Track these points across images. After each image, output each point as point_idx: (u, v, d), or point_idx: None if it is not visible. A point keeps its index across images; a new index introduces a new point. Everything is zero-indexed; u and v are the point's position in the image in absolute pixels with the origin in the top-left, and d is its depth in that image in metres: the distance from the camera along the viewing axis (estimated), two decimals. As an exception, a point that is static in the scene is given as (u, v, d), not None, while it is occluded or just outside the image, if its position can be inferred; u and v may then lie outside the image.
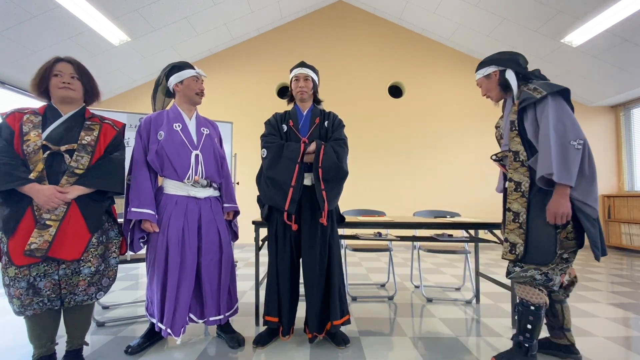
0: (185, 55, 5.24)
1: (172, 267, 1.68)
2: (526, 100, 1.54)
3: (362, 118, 5.48)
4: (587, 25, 4.03)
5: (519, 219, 1.55)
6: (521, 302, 1.58)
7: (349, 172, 1.82)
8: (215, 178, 1.83)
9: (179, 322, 1.68)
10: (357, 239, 2.66)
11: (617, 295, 2.83)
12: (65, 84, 1.49)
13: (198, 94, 1.84)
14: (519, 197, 1.56)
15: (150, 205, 1.67)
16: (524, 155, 1.55)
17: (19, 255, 1.33)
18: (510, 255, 1.56)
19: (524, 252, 1.51)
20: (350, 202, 4.76)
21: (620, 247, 5.25)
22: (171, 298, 1.67)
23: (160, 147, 1.70)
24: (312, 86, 1.93)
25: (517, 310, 1.60)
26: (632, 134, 5.39)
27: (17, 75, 4.16)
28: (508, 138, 1.63)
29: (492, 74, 1.73)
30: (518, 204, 1.56)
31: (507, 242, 1.58)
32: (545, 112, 1.49)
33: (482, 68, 1.76)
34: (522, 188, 1.55)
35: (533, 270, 1.53)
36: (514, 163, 1.59)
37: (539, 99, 1.51)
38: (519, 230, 1.54)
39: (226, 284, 1.81)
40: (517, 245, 1.53)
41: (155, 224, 1.67)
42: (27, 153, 1.40)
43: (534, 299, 1.54)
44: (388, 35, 5.67)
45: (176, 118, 1.81)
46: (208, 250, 1.75)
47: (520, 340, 1.57)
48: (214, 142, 1.88)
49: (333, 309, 1.76)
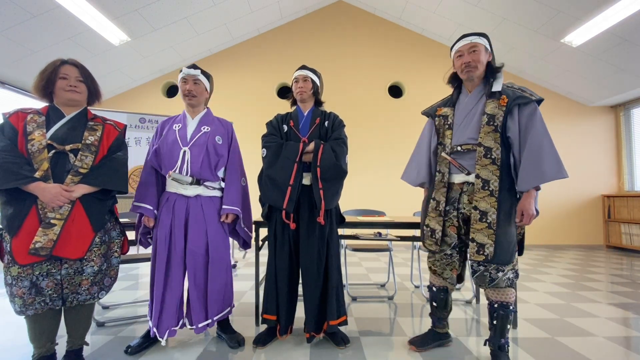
0: (185, 55, 5.24)
1: (158, 265, 1.70)
2: (520, 99, 1.50)
3: (362, 118, 5.48)
4: (587, 25, 4.03)
5: (487, 219, 1.50)
6: (501, 306, 1.54)
7: (347, 172, 1.83)
8: (206, 176, 1.78)
9: (165, 323, 1.69)
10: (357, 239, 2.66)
11: (617, 295, 2.83)
12: (72, 86, 1.52)
13: (186, 96, 1.82)
14: (486, 195, 1.50)
15: (147, 200, 1.75)
16: (497, 154, 1.51)
17: (22, 254, 1.34)
18: (478, 256, 1.50)
19: (494, 253, 1.47)
20: (350, 202, 4.77)
21: (620, 247, 5.25)
22: (157, 297, 1.68)
23: (158, 147, 1.79)
24: (311, 87, 1.93)
25: (496, 314, 1.55)
26: (632, 134, 5.39)
27: (17, 75, 4.16)
28: (477, 132, 1.56)
29: (489, 52, 1.62)
30: (486, 202, 1.50)
31: (474, 242, 1.52)
32: (533, 116, 1.48)
33: (484, 38, 1.60)
34: (491, 187, 1.50)
35: (510, 273, 1.53)
36: (484, 159, 1.52)
37: (532, 101, 1.49)
38: (488, 230, 1.49)
39: (216, 288, 1.75)
40: (486, 246, 1.49)
41: (152, 219, 1.75)
42: (31, 152, 1.41)
43: (511, 298, 1.55)
44: (388, 35, 5.67)
45: (180, 119, 1.88)
46: (192, 253, 1.71)
47: (502, 343, 1.56)
48: (212, 140, 1.80)
49: (330, 309, 1.76)
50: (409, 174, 1.88)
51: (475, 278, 1.58)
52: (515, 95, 1.52)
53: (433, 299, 1.79)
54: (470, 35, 1.60)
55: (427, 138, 1.83)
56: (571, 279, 3.38)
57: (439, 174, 1.69)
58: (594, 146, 5.55)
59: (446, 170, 1.66)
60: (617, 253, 5.07)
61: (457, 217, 1.63)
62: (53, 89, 1.52)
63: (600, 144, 5.55)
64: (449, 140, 1.66)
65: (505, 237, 1.49)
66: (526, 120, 1.49)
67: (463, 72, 1.63)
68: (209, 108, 1.96)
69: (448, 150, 1.65)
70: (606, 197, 5.46)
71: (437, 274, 1.74)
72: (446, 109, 1.72)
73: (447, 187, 1.65)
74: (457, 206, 1.63)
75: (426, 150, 1.81)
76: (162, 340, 1.69)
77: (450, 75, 1.75)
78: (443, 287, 1.76)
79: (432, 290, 1.80)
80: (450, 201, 1.65)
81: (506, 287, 1.53)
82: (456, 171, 1.64)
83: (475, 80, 1.64)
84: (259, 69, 5.57)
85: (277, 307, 1.81)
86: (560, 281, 3.27)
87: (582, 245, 5.49)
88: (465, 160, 1.60)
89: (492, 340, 1.59)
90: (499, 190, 1.49)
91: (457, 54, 1.64)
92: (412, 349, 1.73)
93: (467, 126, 1.61)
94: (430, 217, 1.70)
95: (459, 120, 1.65)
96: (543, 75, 5.30)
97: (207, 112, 1.92)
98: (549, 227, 5.46)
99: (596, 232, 5.52)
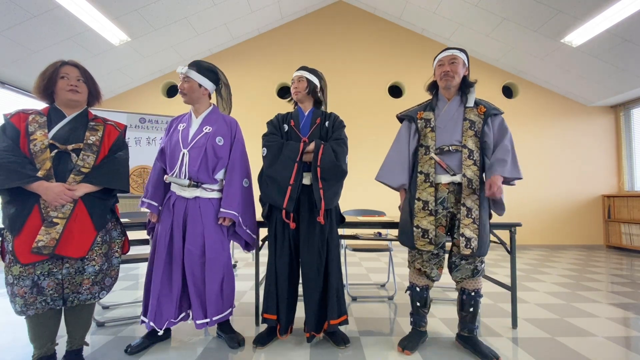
0: (185, 55, 5.24)
1: (157, 261, 1.73)
2: (494, 110, 1.74)
3: (362, 118, 5.48)
4: (587, 25, 4.04)
5: (471, 215, 1.65)
6: (477, 293, 1.73)
7: (347, 172, 1.83)
8: (203, 179, 1.76)
9: (165, 315, 1.72)
10: (357, 239, 2.66)
11: (617, 295, 2.83)
12: (72, 86, 1.53)
13: (179, 94, 1.85)
14: (471, 193, 1.67)
15: (152, 196, 1.79)
16: (477, 156, 1.69)
17: (25, 253, 1.34)
18: (466, 250, 1.62)
19: (478, 246, 1.62)
20: (350, 202, 4.77)
21: (620, 247, 5.26)
22: (155, 290, 1.70)
23: (164, 146, 1.84)
24: (306, 86, 1.92)
25: (473, 302, 1.73)
26: (632, 134, 5.39)
27: (17, 75, 4.16)
28: (461, 135, 1.72)
29: (467, 67, 1.79)
30: (471, 200, 1.66)
31: (463, 237, 1.64)
32: (504, 125, 1.73)
33: (464, 54, 1.78)
34: (473, 185, 1.67)
35: (481, 264, 1.71)
36: (468, 160, 1.68)
37: (501, 113, 1.76)
38: (473, 225, 1.64)
39: (213, 288, 1.75)
40: (472, 240, 1.63)
41: (155, 214, 1.80)
42: (33, 152, 1.42)
43: (482, 285, 1.77)
44: (388, 35, 5.67)
45: (186, 118, 1.89)
46: (189, 253, 1.73)
47: (475, 327, 1.76)
48: (212, 141, 1.76)
49: (330, 309, 1.76)
50: (389, 176, 1.87)
51: (457, 272, 1.72)
52: (490, 106, 1.75)
53: (417, 299, 1.81)
54: (452, 49, 1.78)
55: (405, 140, 1.88)
56: (571, 279, 3.38)
57: (421, 175, 1.76)
58: (594, 146, 5.55)
59: (432, 170, 1.73)
60: (617, 253, 5.07)
61: (446, 217, 1.72)
62: (54, 89, 1.53)
63: (600, 144, 5.55)
64: (433, 141, 1.76)
65: (485, 231, 1.66)
66: (497, 129, 1.73)
67: (442, 80, 1.78)
68: (215, 105, 1.94)
69: (433, 151, 1.74)
70: (606, 197, 5.46)
71: (423, 274, 1.79)
72: (427, 113, 1.83)
73: (434, 188, 1.72)
74: (445, 205, 1.71)
75: (407, 151, 1.86)
76: (160, 331, 1.70)
77: (430, 83, 1.91)
78: (425, 285, 1.81)
79: (415, 291, 1.82)
80: (439, 201, 1.72)
81: (481, 275, 1.74)
82: (442, 172, 1.73)
83: (451, 90, 1.79)
84: (259, 69, 5.57)
85: (277, 306, 1.81)
86: (560, 281, 3.27)
87: (582, 245, 5.49)
88: (451, 160, 1.72)
89: (468, 326, 1.76)
90: (480, 189, 1.68)
91: (438, 62, 1.80)
92: (406, 354, 1.73)
93: (452, 129, 1.74)
94: (420, 218, 1.72)
95: (441, 124, 1.77)
96: (543, 75, 5.30)
97: (212, 110, 1.89)
98: (549, 227, 5.47)
99: (596, 232, 5.52)
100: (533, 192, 5.45)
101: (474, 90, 1.78)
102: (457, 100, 1.78)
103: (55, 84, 1.52)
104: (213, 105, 1.93)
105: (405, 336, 1.84)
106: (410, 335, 1.83)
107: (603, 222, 5.51)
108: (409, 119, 1.89)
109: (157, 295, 1.71)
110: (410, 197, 1.77)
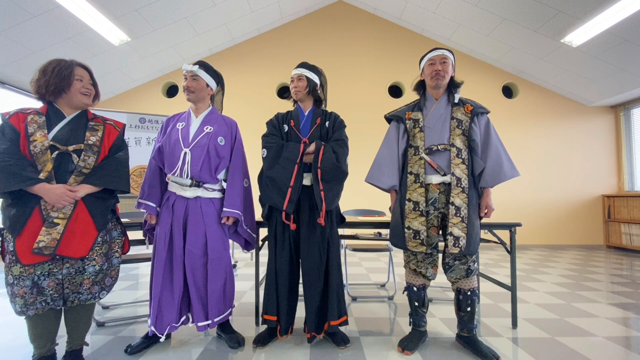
0: (185, 55, 5.24)
1: (157, 263, 1.71)
2: (480, 109, 1.75)
3: (362, 118, 5.48)
4: (587, 25, 4.04)
5: (460, 213, 1.65)
6: (473, 292, 1.73)
7: (348, 173, 1.82)
8: (205, 179, 1.76)
9: (165, 320, 1.70)
10: (357, 239, 2.66)
11: (617, 295, 2.83)
12: (87, 89, 1.55)
13: (184, 91, 1.83)
14: (459, 192, 1.67)
15: (150, 197, 1.77)
16: (465, 155, 1.69)
17: (26, 253, 1.34)
18: (454, 249, 1.63)
19: (466, 245, 1.62)
20: (350, 202, 4.77)
21: (620, 247, 5.26)
22: (156, 294, 1.69)
23: (161, 145, 1.80)
24: (306, 85, 1.90)
25: (470, 301, 1.73)
26: (632, 134, 5.39)
27: (17, 75, 4.16)
28: (449, 134, 1.72)
29: (454, 68, 1.81)
30: (459, 199, 1.66)
31: (452, 235, 1.64)
32: (489, 125, 1.75)
33: (452, 55, 1.81)
34: (462, 184, 1.67)
35: (474, 263, 1.71)
36: (457, 159, 1.69)
37: (487, 112, 1.77)
38: (462, 224, 1.64)
39: (215, 289, 1.75)
40: (460, 238, 1.63)
41: (154, 216, 1.78)
42: (34, 153, 1.41)
43: (477, 284, 1.77)
44: (388, 35, 5.67)
45: (184, 117, 1.87)
46: (190, 254, 1.72)
47: (473, 327, 1.75)
48: (214, 141, 1.77)
49: (331, 310, 1.76)
50: (379, 177, 1.85)
51: (451, 273, 1.73)
52: (476, 105, 1.77)
53: (415, 299, 1.82)
54: (441, 49, 1.79)
55: (395, 141, 1.87)
56: (571, 279, 3.38)
57: (411, 175, 1.75)
58: (594, 146, 5.55)
59: (421, 171, 1.73)
60: (617, 253, 5.07)
61: (437, 217, 1.74)
62: (67, 89, 1.50)
63: (600, 144, 5.55)
64: (422, 142, 1.76)
65: (473, 230, 1.65)
66: (483, 128, 1.75)
67: (432, 79, 1.77)
68: (214, 106, 1.94)
69: (422, 152, 1.74)
70: (606, 197, 5.46)
71: (419, 274, 1.80)
72: (416, 113, 1.82)
73: (425, 188, 1.72)
74: (437, 205, 1.73)
75: (396, 152, 1.85)
76: (161, 336, 1.69)
77: (417, 83, 1.90)
78: (422, 285, 1.81)
79: (412, 291, 1.82)
80: (430, 202, 1.72)
81: (475, 274, 1.74)
82: (432, 172, 1.73)
83: (440, 89, 1.79)
84: (259, 69, 5.57)
85: (278, 307, 1.81)
86: (560, 281, 3.27)
87: (582, 245, 5.49)
88: (441, 160, 1.72)
89: (467, 326, 1.75)
90: (468, 188, 1.68)
91: (429, 61, 1.79)
92: (406, 354, 1.73)
93: (441, 129, 1.75)
94: (411, 219, 1.72)
95: (430, 123, 1.77)
96: (543, 75, 5.30)
97: (211, 111, 1.89)
98: (549, 227, 5.47)
99: (596, 232, 5.52)
100: (533, 192, 5.45)
101: (459, 91, 1.79)
102: (445, 100, 1.79)
103: (71, 85, 1.50)
104: (212, 106, 1.93)
105: (405, 336, 1.84)
106: (410, 335, 1.83)
107: (603, 222, 5.51)
108: (397, 120, 1.89)
109: (159, 298, 1.69)
110: (400, 198, 1.78)
